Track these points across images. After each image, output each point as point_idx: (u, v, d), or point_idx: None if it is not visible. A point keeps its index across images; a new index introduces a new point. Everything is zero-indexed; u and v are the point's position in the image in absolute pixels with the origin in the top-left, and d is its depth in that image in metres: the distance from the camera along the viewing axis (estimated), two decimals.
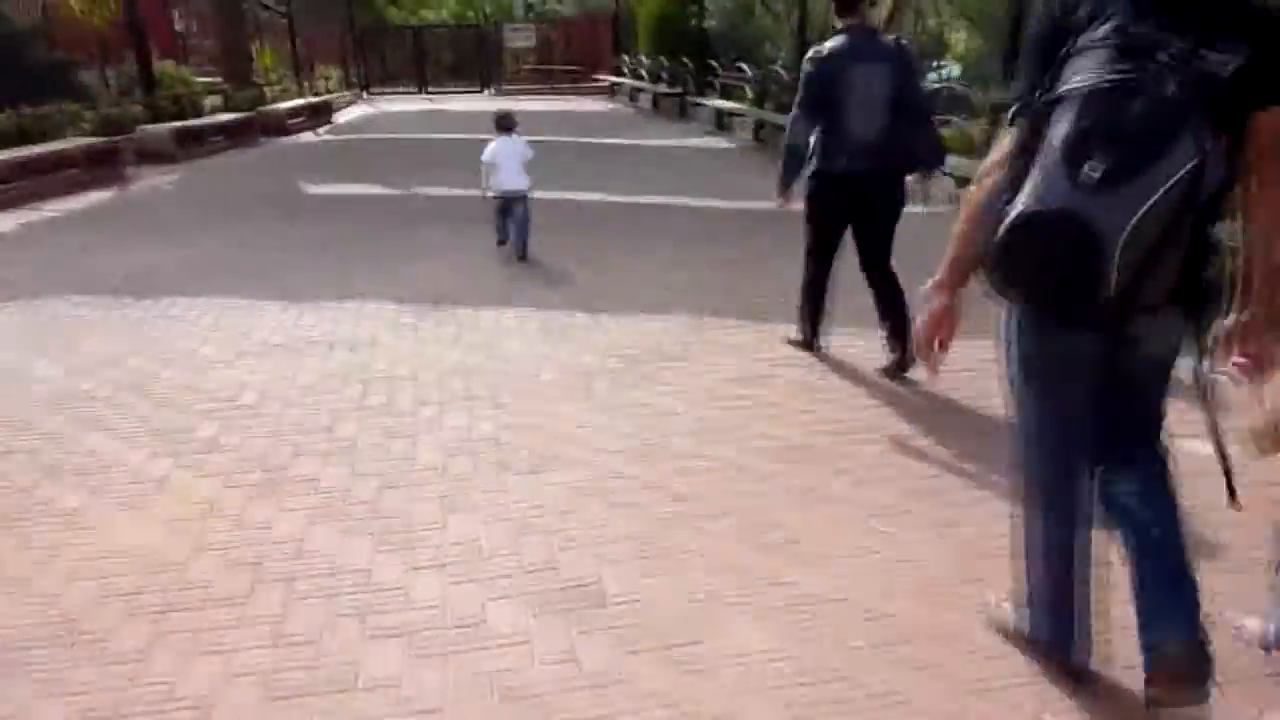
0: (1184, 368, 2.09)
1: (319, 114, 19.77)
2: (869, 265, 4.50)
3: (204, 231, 8.23)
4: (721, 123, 16.14)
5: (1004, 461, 2.60)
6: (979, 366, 3.74)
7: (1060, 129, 1.78)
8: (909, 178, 4.54)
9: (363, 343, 5.08)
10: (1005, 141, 2.01)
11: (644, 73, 22.03)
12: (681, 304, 5.73)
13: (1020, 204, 1.82)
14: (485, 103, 22.50)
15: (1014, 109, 2.01)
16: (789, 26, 16.40)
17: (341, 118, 21.18)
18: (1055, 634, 2.28)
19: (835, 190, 4.37)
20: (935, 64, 20.98)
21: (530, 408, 4.16)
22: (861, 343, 4.84)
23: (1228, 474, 2.00)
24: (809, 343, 4.82)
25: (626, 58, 24.39)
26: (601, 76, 25.97)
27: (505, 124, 7.05)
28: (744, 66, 15.74)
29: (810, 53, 4.46)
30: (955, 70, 27.86)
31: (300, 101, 20.13)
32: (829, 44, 4.34)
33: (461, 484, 3.46)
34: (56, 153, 11.10)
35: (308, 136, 17.50)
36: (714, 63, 17.56)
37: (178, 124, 14.06)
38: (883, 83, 4.18)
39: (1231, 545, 2.77)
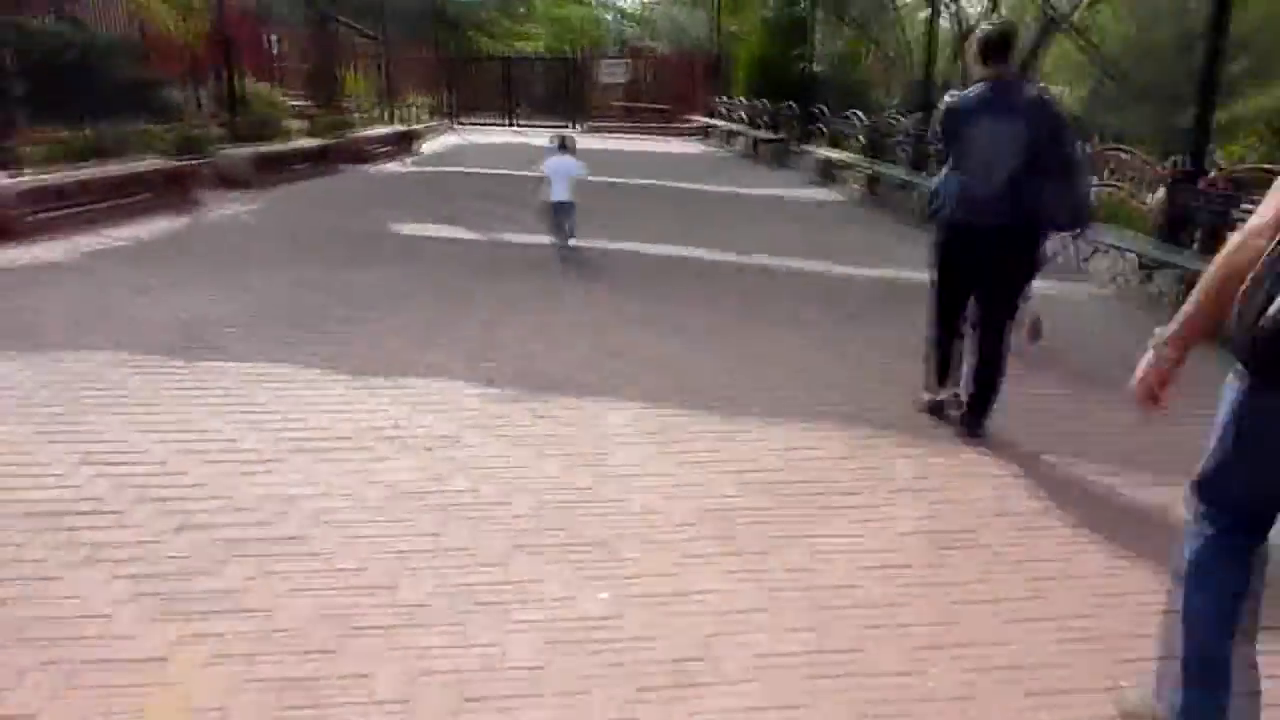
0: None
1: (404, 142, 19.27)
2: (981, 322, 4.24)
3: (272, 274, 7.38)
4: (827, 172, 15.07)
5: None
6: None
7: None
8: (1058, 242, 4.50)
9: (442, 443, 4.08)
10: None
11: (743, 115, 21.04)
12: (834, 406, 4.64)
13: None
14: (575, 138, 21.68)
15: None
16: (901, 72, 15.21)
17: (427, 147, 20.61)
18: None
19: (956, 238, 4.19)
20: None
21: (657, 568, 3.10)
22: (1096, 480, 3.72)
23: None
24: (936, 405, 4.51)
25: (724, 99, 23.43)
26: (694, 117, 25.06)
27: (564, 144, 8.19)
28: (857, 114, 14.61)
29: (943, 99, 4.30)
30: None
31: (385, 130, 19.64)
32: (961, 94, 4.15)
33: (572, 704, 2.41)
34: (129, 174, 10.46)
35: (392, 166, 16.91)
36: (822, 108, 16.46)
37: (259, 148, 13.48)
38: (1013, 138, 3.93)
39: None
